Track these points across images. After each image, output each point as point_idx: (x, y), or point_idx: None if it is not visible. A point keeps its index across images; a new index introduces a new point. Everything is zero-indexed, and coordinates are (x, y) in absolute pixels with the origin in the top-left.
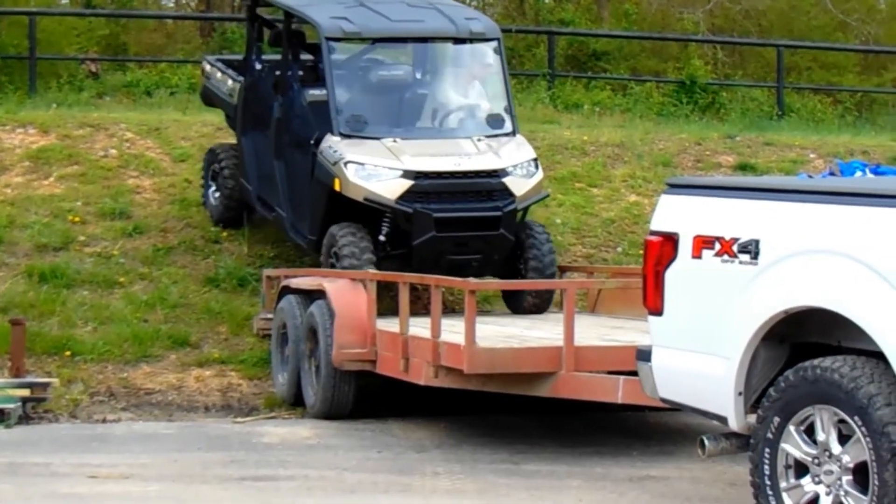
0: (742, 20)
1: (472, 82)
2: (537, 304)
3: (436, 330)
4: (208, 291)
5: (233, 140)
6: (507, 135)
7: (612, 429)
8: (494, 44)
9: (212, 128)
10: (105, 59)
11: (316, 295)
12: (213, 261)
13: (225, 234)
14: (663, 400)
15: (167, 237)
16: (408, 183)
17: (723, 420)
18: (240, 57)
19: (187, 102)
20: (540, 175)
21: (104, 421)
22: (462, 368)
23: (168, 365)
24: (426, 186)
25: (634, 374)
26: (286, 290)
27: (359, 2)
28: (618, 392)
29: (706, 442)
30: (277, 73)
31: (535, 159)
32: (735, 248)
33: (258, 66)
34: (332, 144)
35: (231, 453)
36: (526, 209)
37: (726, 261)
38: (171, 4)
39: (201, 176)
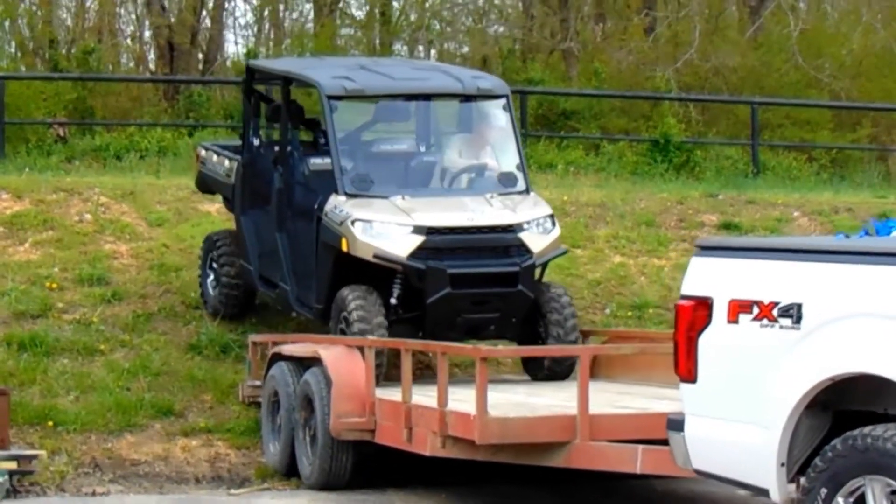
0: (712, 77)
1: (482, 141)
2: (557, 371)
3: (443, 399)
4: (191, 359)
5: (227, 225)
6: (520, 193)
7: (621, 496)
8: (503, 101)
9: (187, 191)
10: (73, 123)
11: (310, 362)
12: (195, 327)
13: None
14: (697, 472)
15: (147, 303)
16: (419, 239)
17: (763, 492)
18: (235, 143)
19: (158, 165)
20: (557, 231)
21: (94, 494)
22: (473, 439)
23: (153, 434)
24: (438, 242)
25: (651, 442)
26: (276, 357)
27: (360, 64)
28: (636, 462)
29: None
30: (277, 146)
31: (552, 215)
32: (775, 312)
33: (256, 142)
34: (338, 204)
35: None
36: (544, 268)
37: (765, 325)
38: (132, 65)
39: (199, 266)
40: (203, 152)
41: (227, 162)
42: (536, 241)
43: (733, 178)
